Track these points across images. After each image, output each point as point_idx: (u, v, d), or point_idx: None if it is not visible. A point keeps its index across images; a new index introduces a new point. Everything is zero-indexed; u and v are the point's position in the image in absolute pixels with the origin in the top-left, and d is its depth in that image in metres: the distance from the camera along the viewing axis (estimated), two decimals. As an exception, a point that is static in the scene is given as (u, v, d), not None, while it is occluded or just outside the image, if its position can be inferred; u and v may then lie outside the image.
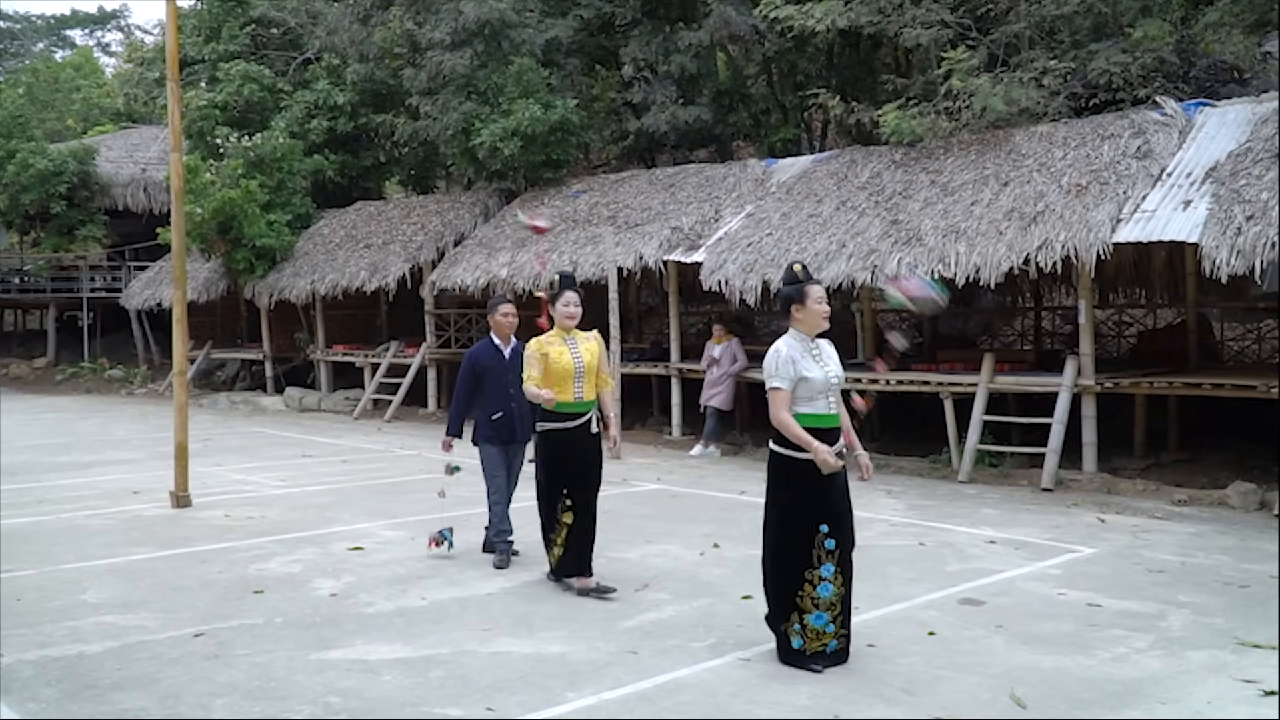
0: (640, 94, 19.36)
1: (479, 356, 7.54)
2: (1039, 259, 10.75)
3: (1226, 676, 5.11)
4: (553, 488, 6.67)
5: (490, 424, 7.42)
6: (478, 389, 7.50)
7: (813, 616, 5.12)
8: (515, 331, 7.71)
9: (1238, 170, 10.17)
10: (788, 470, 5.18)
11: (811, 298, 5.23)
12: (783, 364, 5.16)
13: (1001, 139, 12.77)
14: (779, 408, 5.14)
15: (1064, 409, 10.85)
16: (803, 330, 5.25)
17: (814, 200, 13.70)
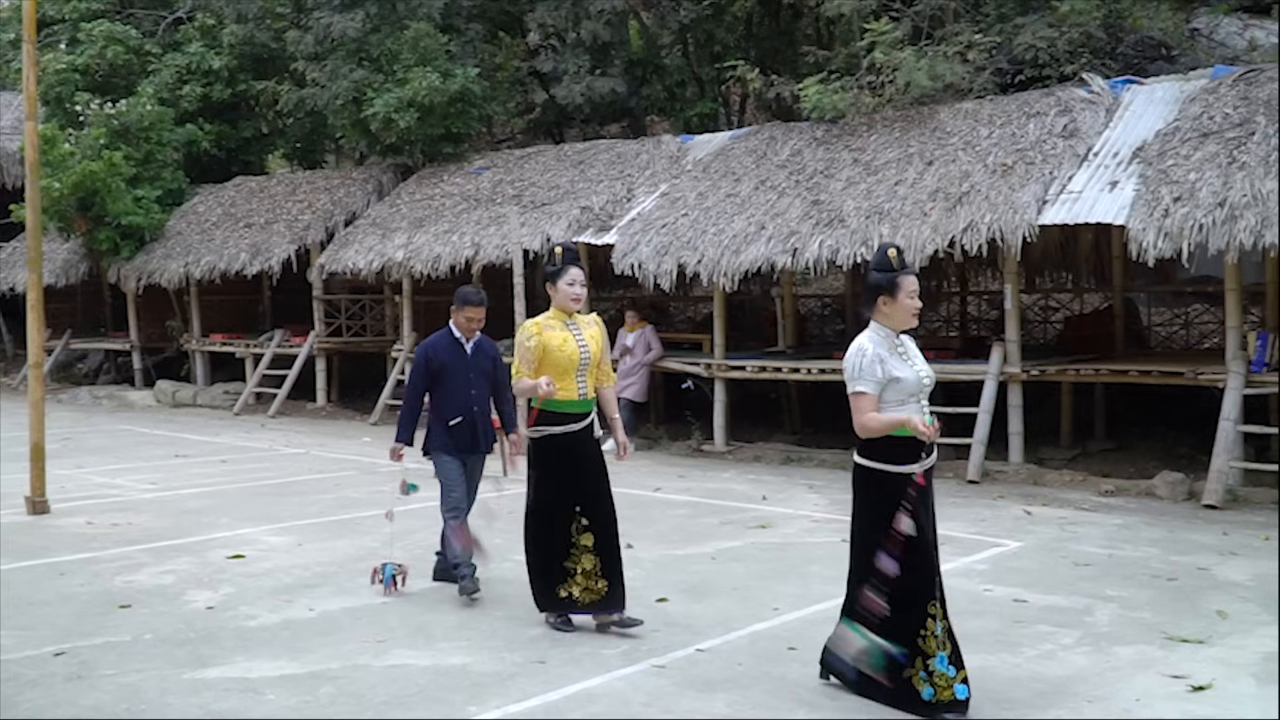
0: (548, 63, 19.26)
1: (436, 350, 6.88)
2: (964, 241, 10.98)
3: (1155, 672, 5.30)
4: (559, 506, 5.93)
5: (447, 430, 6.81)
6: (432, 388, 6.87)
7: (937, 660, 4.67)
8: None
9: (1165, 150, 10.51)
10: (885, 486, 4.75)
11: (904, 290, 4.84)
12: (869, 364, 4.76)
13: (926, 116, 13.01)
14: (861, 411, 4.74)
15: (990, 398, 11.12)
16: (889, 325, 4.88)
17: (732, 179, 13.79)
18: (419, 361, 6.88)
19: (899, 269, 4.88)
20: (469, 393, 6.83)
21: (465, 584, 6.66)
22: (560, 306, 6.05)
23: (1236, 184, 9.65)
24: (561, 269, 6.03)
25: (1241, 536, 8.27)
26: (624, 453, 6.40)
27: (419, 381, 6.89)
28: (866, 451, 4.82)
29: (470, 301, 6.86)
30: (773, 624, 6.13)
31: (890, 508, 4.69)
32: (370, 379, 18.23)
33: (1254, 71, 11.16)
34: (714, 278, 12.60)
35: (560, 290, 6.02)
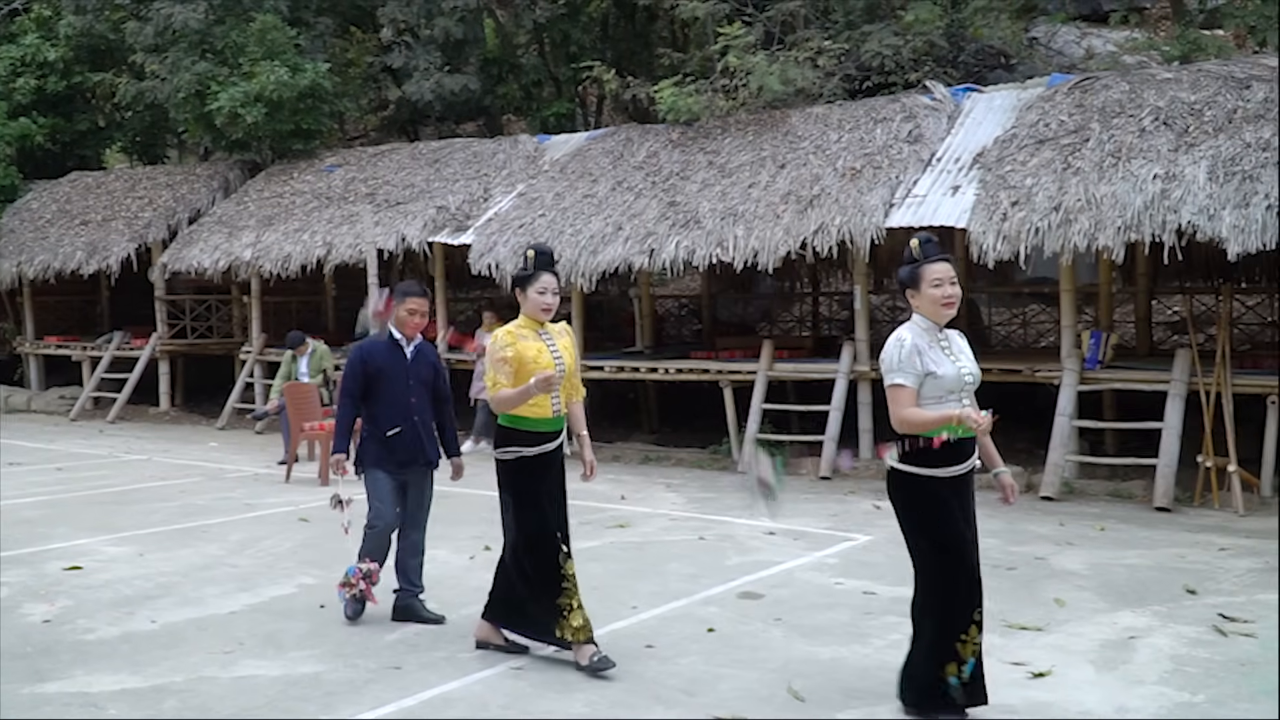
0: (401, 59, 18.97)
1: (372, 353, 6.23)
2: (816, 243, 11.24)
3: (996, 660, 5.50)
4: (544, 533, 5.36)
5: (383, 443, 6.13)
6: (366, 396, 6.19)
7: (968, 666, 4.52)
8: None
9: (1003, 156, 10.95)
10: (920, 490, 4.49)
11: (927, 280, 4.51)
12: (906, 356, 4.44)
13: (778, 119, 13.27)
14: (902, 407, 4.43)
15: (841, 396, 11.41)
16: (927, 316, 4.56)
17: (589, 180, 13.83)
18: (353, 364, 6.23)
19: (921, 259, 4.56)
20: (408, 400, 6.18)
21: (354, 608, 6.19)
22: (531, 315, 5.47)
23: (1071, 189, 10.12)
24: (533, 274, 5.44)
25: (1077, 527, 8.67)
26: (591, 472, 5.73)
27: (353, 385, 6.19)
28: (910, 457, 4.48)
29: (411, 292, 6.27)
30: (631, 622, 6.16)
31: (930, 513, 4.47)
32: (217, 382, 17.64)
33: (1089, 79, 11.72)
34: (572, 278, 12.62)
35: (531, 298, 5.44)
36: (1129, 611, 6.29)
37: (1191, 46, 13.44)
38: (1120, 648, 5.66)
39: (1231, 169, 9.53)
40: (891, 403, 4.47)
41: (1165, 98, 10.66)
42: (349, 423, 6.25)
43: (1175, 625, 6.01)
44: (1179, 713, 4.78)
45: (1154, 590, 6.73)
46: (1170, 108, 10.50)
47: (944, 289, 4.51)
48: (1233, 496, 9.13)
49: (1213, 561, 7.45)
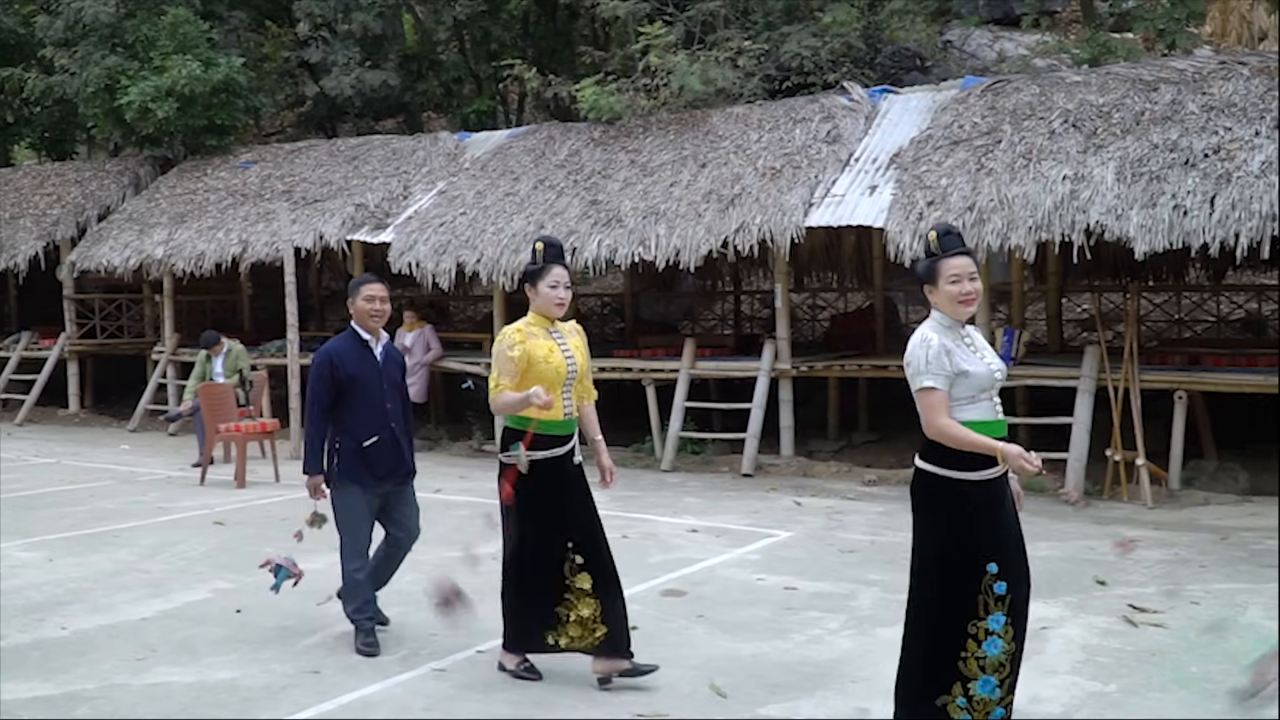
0: (318, 54, 18.70)
1: (340, 356, 5.66)
2: (737, 242, 11.31)
3: (912, 650, 5.60)
4: (547, 543, 5.09)
5: (358, 454, 5.60)
6: (337, 405, 5.65)
7: (979, 684, 4.14)
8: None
9: (919, 157, 11.13)
10: (946, 495, 4.18)
11: (944, 275, 4.21)
12: (935, 356, 4.15)
13: (699, 119, 13.33)
14: (936, 412, 4.14)
15: (763, 393, 11.50)
16: (946, 314, 4.28)
17: (510, 178, 13.76)
18: (321, 370, 5.62)
19: (940, 253, 4.28)
20: (384, 406, 5.68)
21: (368, 640, 5.64)
22: (542, 311, 5.14)
23: (984, 189, 10.31)
24: (543, 268, 5.11)
25: (990, 519, 8.83)
26: (610, 478, 5.44)
27: (324, 394, 5.61)
28: (930, 454, 4.22)
29: (367, 281, 5.78)
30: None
31: (966, 519, 4.16)
32: (129, 383, 17.23)
33: (1001, 82, 11.95)
34: (494, 277, 12.57)
35: (542, 293, 5.10)
36: (1041, 603, 6.41)
37: (1101, 50, 13.77)
38: (1033, 639, 5.76)
39: (1139, 170, 9.78)
40: (923, 408, 4.17)
41: (1074, 100, 10.91)
42: (323, 437, 5.66)
43: (1086, 616, 6.16)
44: (1091, 702, 4.90)
45: (1065, 582, 6.88)
46: (1079, 110, 10.75)
47: (962, 285, 4.20)
48: (1141, 489, 9.38)
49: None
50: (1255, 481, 9.93)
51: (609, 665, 5.09)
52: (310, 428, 5.68)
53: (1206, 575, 6.97)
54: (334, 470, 5.65)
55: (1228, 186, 9.26)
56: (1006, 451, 4.00)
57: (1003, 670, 4.17)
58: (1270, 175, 9.15)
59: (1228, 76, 10.45)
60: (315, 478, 5.68)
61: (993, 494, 4.18)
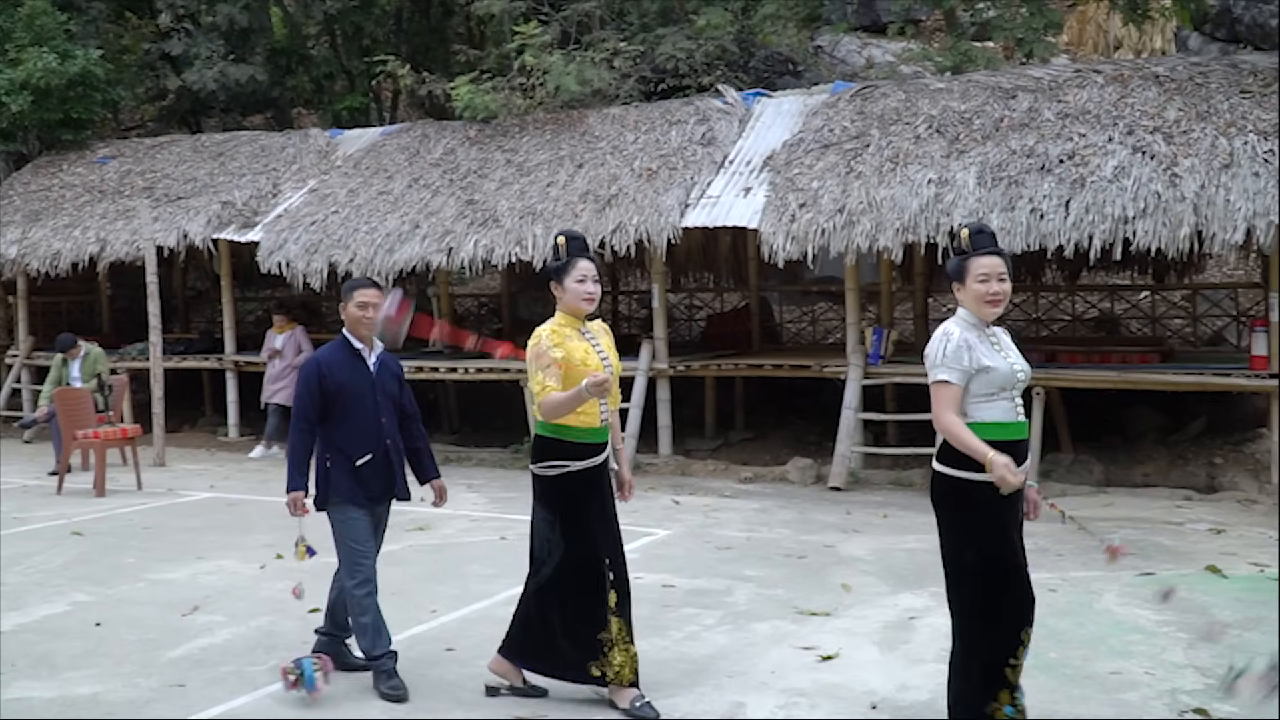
0: (180, 46, 18.13)
1: (330, 366, 5.20)
2: (614, 242, 11.37)
3: (788, 645, 5.72)
4: (588, 560, 4.77)
5: (352, 473, 5.16)
6: (326, 419, 5.19)
7: (1020, 693, 4.17)
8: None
9: (792, 160, 11.34)
10: (969, 497, 4.11)
11: (973, 274, 4.16)
12: (954, 350, 4.09)
13: (576, 119, 13.34)
14: (943, 406, 4.09)
15: (640, 393, 11.58)
16: (973, 312, 4.22)
17: (384, 176, 13.57)
18: (308, 380, 5.18)
19: (971, 250, 4.23)
20: (378, 421, 5.23)
21: (392, 682, 5.08)
22: (570, 310, 4.80)
23: (854, 192, 10.57)
24: (568, 262, 4.77)
25: (863, 515, 9.07)
26: (628, 491, 5.21)
27: (310, 407, 5.15)
28: (948, 456, 4.15)
29: (360, 285, 5.32)
30: (430, 626, 6.10)
31: (996, 520, 4.11)
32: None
33: (869, 88, 12.26)
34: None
35: (569, 289, 4.76)
36: (909, 593, 6.62)
37: (963, 58, 14.23)
38: (901, 628, 5.96)
39: (999, 174, 10.15)
40: (933, 401, 4.12)
41: (938, 106, 11.26)
42: (307, 452, 5.22)
43: (951, 605, 6.36)
44: (955, 688, 5.06)
45: (932, 572, 7.05)
46: (943, 116, 11.09)
47: (990, 285, 4.15)
48: (1003, 482, 9.72)
49: (985, 544, 7.92)
50: (1109, 473, 10.39)
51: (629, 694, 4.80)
52: (294, 441, 5.20)
53: (1063, 564, 7.27)
54: (328, 491, 5.16)
55: (1082, 191, 9.68)
56: (994, 461, 3.95)
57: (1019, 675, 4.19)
58: (1122, 180, 9.59)
59: (1082, 84, 10.91)
60: (294, 493, 5.16)
61: (1009, 498, 4.10)
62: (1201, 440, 10.83)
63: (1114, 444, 11.14)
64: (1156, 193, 9.40)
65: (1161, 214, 9.30)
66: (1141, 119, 10.17)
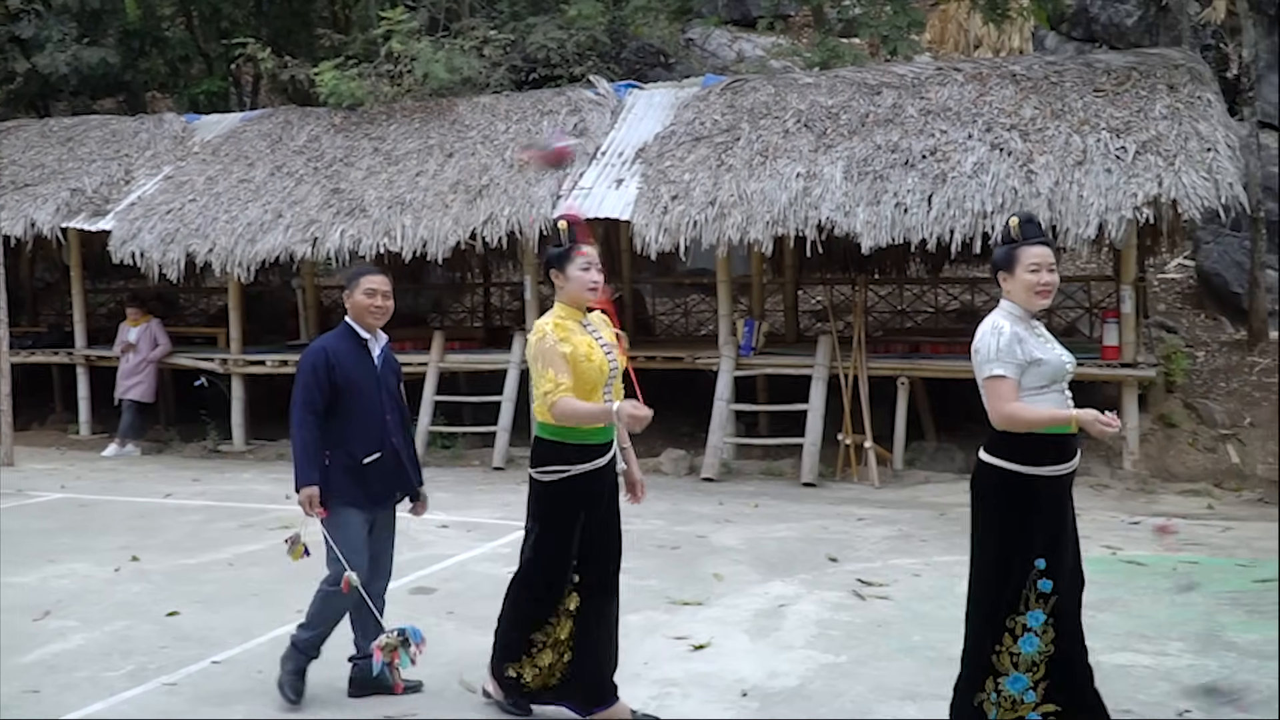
0: (29, 29, 17.31)
1: (339, 356, 4.91)
2: (485, 233, 11.30)
3: (660, 635, 5.79)
4: (559, 565, 4.57)
5: (355, 473, 4.88)
6: (333, 411, 4.88)
7: (1009, 680, 4.08)
8: None
9: (664, 152, 11.43)
10: (1012, 489, 4.10)
11: (1023, 264, 4.14)
12: (1007, 344, 4.07)
13: (445, 108, 13.20)
14: (1004, 399, 4.05)
15: (513, 386, 11.54)
16: (1019, 304, 4.21)
17: (245, 163, 13.22)
18: (315, 371, 4.86)
19: (1020, 240, 4.20)
20: (383, 418, 4.96)
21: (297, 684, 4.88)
22: (573, 300, 4.54)
23: (725, 185, 10.70)
24: (571, 248, 4.51)
25: (734, 505, 9.21)
26: (640, 492, 4.98)
27: (317, 397, 4.83)
28: (999, 449, 4.13)
29: (366, 271, 5.09)
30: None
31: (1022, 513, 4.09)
32: None
33: (739, 81, 12.41)
34: (228, 268, 12.05)
35: (572, 277, 4.49)
36: (779, 581, 6.76)
37: (830, 54, 14.53)
38: (772, 616, 6.09)
39: (864, 169, 10.40)
40: (992, 397, 4.09)
41: (806, 101, 11.48)
42: (318, 445, 4.83)
43: (820, 591, 6.53)
44: (824, 673, 5.20)
45: (801, 560, 7.27)
46: (810, 111, 11.31)
47: (1041, 275, 4.14)
48: (869, 470, 10.00)
49: (852, 531, 8.15)
50: (970, 460, 10.74)
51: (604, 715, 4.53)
52: (302, 433, 4.82)
53: (926, 549, 7.52)
54: (330, 490, 4.83)
55: (943, 186, 9.99)
56: (1081, 418, 3.96)
57: (1036, 671, 4.07)
58: (981, 176, 9.93)
59: (944, 82, 11.25)
60: (310, 489, 4.77)
61: (1059, 490, 4.11)
62: (1056, 427, 11.29)
63: (975, 431, 11.52)
64: (1013, 188, 9.76)
65: (1018, 209, 9.65)
66: (999, 116, 10.54)
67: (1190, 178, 9.28)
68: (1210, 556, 7.01)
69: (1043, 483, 4.06)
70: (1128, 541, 7.66)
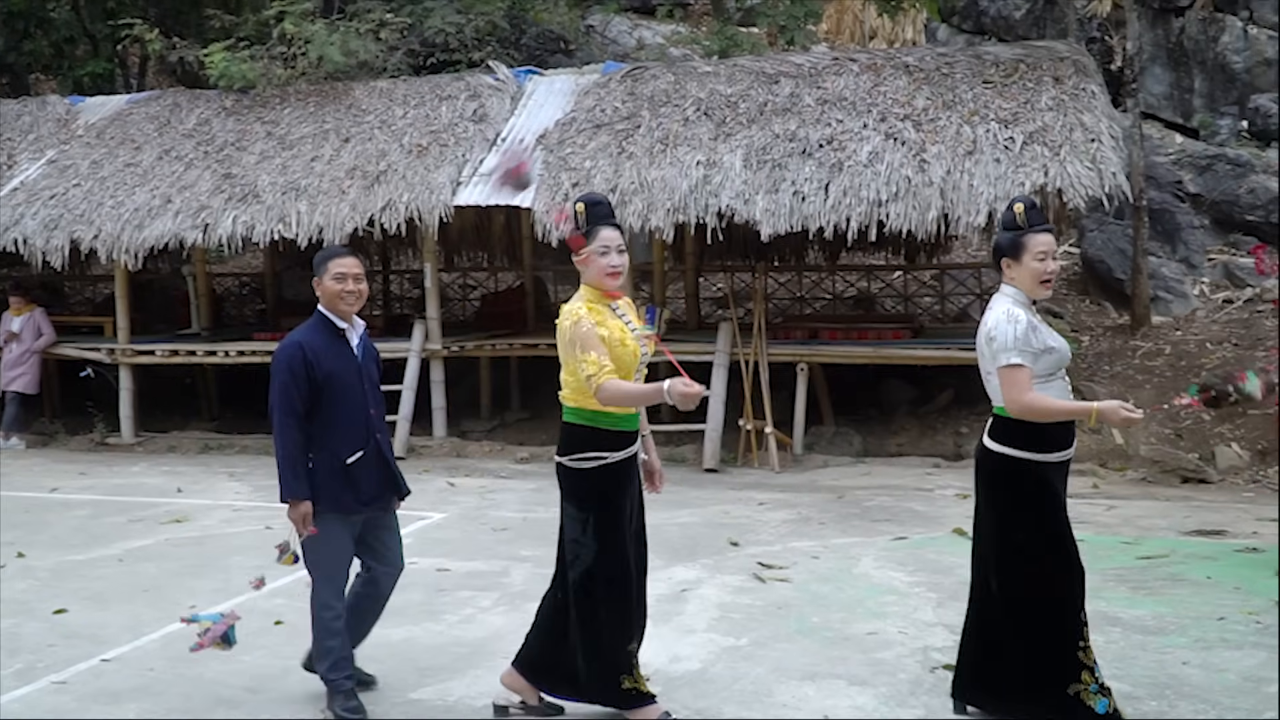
0: (-97, 7, 16.55)
1: (316, 350, 4.54)
2: (384, 220, 11.13)
3: (562, 622, 5.78)
4: (620, 563, 4.34)
5: (340, 475, 4.54)
6: (312, 410, 4.52)
7: (1099, 670, 4.17)
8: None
9: (564, 139, 11.38)
10: (1022, 477, 4.11)
11: (1030, 250, 4.16)
12: (1023, 333, 4.08)
13: (341, 92, 12.96)
14: (1021, 389, 4.04)
15: (414, 374, 11.41)
16: (1023, 291, 4.22)
17: (132, 147, 12.82)
18: (293, 367, 4.50)
19: (1026, 226, 4.21)
20: (367, 413, 4.62)
21: (351, 704, 4.51)
22: (596, 284, 4.35)
23: (626, 172, 10.71)
24: (589, 232, 4.32)
25: (636, 490, 9.24)
26: (659, 481, 4.71)
27: (298, 398, 4.48)
28: (1007, 436, 4.15)
29: (335, 254, 4.70)
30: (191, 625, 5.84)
31: (1038, 504, 4.12)
32: None
33: (639, 69, 12.41)
34: (114, 255, 11.68)
35: (593, 262, 4.31)
36: (681, 566, 6.81)
37: (729, 42, 14.62)
38: (674, 600, 6.14)
39: (763, 158, 10.50)
40: (1009, 386, 4.08)
41: (706, 90, 11.53)
42: (303, 451, 4.49)
43: (721, 576, 6.60)
44: (725, 656, 5.26)
45: (703, 545, 7.33)
46: (710, 99, 11.37)
47: (1047, 264, 4.18)
48: (770, 455, 10.12)
49: (753, 515, 8.24)
50: (867, 444, 10.96)
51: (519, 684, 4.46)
52: (285, 440, 4.47)
53: (825, 532, 7.65)
54: (313, 495, 4.51)
55: (840, 175, 10.14)
56: (1103, 410, 3.97)
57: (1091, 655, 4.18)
58: (876, 165, 10.10)
59: (840, 72, 11.40)
60: (302, 504, 4.45)
61: (1063, 475, 4.19)
62: (949, 411, 11.55)
63: (871, 416, 11.75)
64: (907, 177, 9.95)
65: (912, 197, 9.85)
66: (893, 106, 10.72)
67: (1075, 167, 9.56)
68: (1095, 534, 7.25)
69: (1050, 469, 4.14)
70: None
